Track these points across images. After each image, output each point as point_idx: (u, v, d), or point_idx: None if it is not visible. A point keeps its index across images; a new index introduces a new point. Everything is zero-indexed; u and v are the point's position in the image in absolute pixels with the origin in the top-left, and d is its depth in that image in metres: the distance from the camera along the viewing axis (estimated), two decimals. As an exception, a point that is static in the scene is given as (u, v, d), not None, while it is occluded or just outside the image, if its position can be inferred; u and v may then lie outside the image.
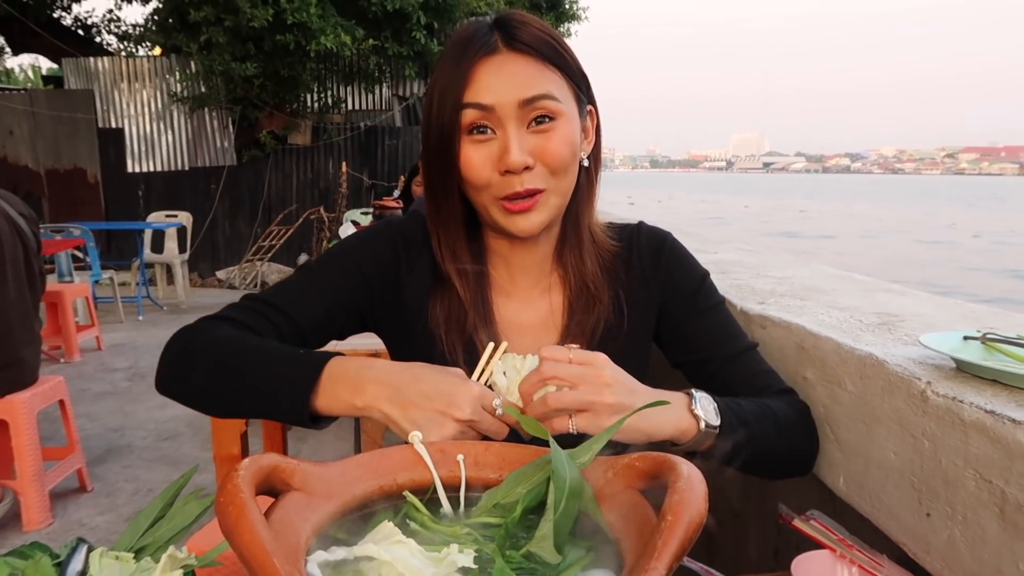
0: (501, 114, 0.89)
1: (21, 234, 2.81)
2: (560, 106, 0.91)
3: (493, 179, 0.91)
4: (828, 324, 1.12)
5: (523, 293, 1.05)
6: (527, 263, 1.04)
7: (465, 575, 0.43)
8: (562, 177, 0.93)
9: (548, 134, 0.90)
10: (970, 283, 12.38)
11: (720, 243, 2.32)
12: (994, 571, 0.72)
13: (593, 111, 1.01)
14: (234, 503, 0.38)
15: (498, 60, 0.90)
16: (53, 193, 9.05)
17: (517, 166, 0.88)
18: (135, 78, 9.09)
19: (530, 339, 1.03)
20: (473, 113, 0.90)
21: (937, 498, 0.80)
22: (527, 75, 0.90)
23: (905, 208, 40.70)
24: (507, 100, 0.89)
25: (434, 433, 0.66)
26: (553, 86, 0.91)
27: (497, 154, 0.90)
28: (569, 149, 0.92)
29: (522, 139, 0.89)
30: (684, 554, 0.39)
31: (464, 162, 0.92)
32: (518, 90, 0.89)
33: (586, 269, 1.02)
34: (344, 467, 0.49)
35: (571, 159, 0.93)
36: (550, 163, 0.91)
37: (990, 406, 0.74)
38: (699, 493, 0.41)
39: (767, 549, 1.52)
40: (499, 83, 0.89)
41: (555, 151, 0.90)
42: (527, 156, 0.89)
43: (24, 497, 2.89)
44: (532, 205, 0.91)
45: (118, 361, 5.55)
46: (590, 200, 1.03)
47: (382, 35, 8.12)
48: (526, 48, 0.91)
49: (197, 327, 0.97)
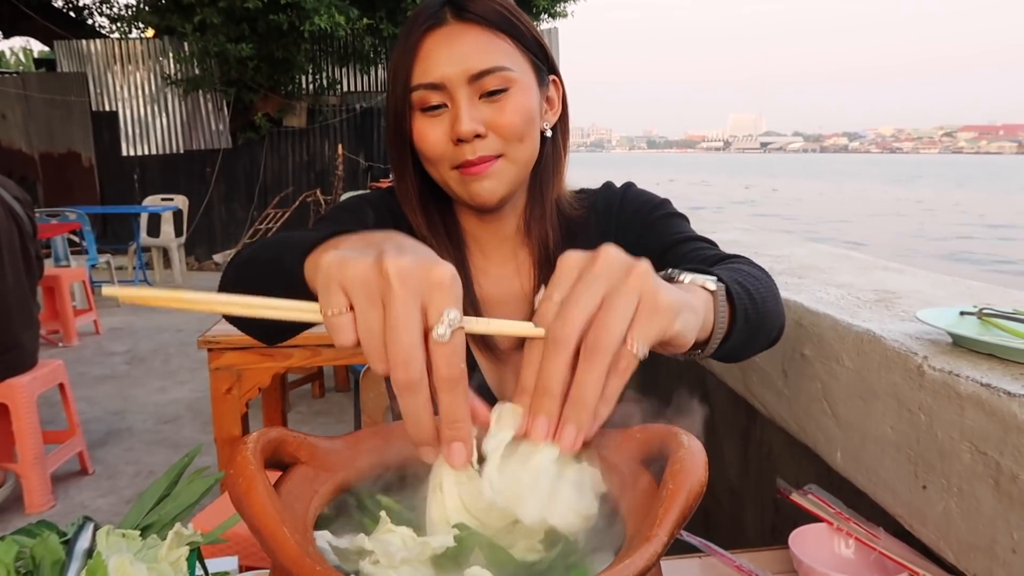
0: (451, 88, 0.88)
1: (16, 218, 2.81)
2: (512, 74, 0.90)
3: (447, 151, 0.91)
4: (826, 301, 1.12)
5: (496, 269, 1.05)
6: (497, 238, 1.04)
7: (443, 560, 0.43)
8: (517, 145, 0.92)
9: (500, 103, 0.89)
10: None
11: (718, 222, 2.33)
12: (989, 541, 0.74)
13: (557, 81, 1.00)
14: (244, 475, 0.39)
15: (445, 32, 0.89)
16: (47, 177, 9.01)
17: (467, 134, 0.88)
18: (128, 60, 9.01)
19: (504, 310, 1.03)
20: (423, 93, 0.89)
21: (933, 471, 0.81)
22: (476, 47, 0.89)
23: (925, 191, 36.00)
24: (455, 74, 0.88)
25: (344, 335, 0.46)
26: (504, 57, 0.90)
27: (449, 126, 0.90)
28: (522, 117, 0.90)
29: (473, 109, 0.89)
30: (685, 522, 0.40)
31: (417, 136, 0.92)
32: (467, 64, 0.88)
33: (549, 239, 1.02)
34: (349, 441, 0.50)
35: (525, 127, 0.91)
36: (502, 132, 0.90)
37: (986, 379, 0.74)
38: (699, 462, 0.42)
39: (765, 524, 1.54)
40: (447, 58, 0.88)
41: (507, 120, 0.89)
42: (478, 124, 0.88)
43: (26, 480, 2.91)
44: (485, 170, 0.90)
45: (116, 345, 5.56)
46: (557, 171, 1.02)
47: (376, 15, 8.06)
48: (475, 18, 0.89)
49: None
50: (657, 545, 0.37)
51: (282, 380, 3.31)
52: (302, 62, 8.47)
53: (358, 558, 0.42)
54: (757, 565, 0.94)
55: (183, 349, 5.43)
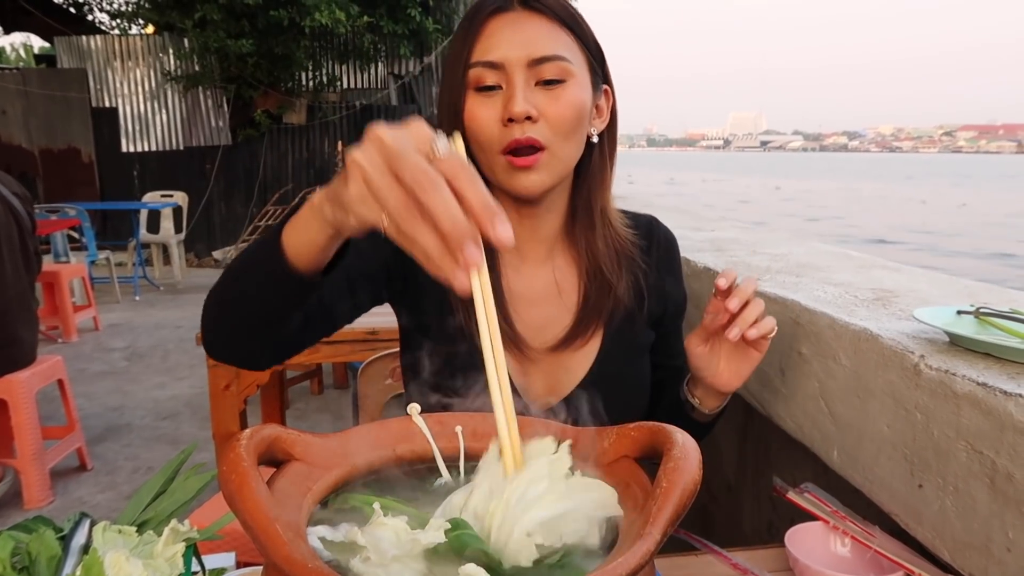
0: (509, 70, 0.88)
1: (16, 214, 2.81)
2: (571, 68, 0.90)
3: (497, 132, 0.90)
4: (823, 300, 1.12)
5: (530, 267, 1.05)
6: (535, 238, 1.04)
7: (435, 554, 0.43)
8: (564, 139, 0.91)
9: (555, 92, 0.89)
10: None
11: (716, 220, 2.33)
12: (984, 540, 0.74)
13: (609, 91, 1.00)
14: (237, 471, 0.39)
15: (511, 17, 0.90)
16: (47, 173, 9.00)
17: (520, 114, 0.87)
18: (128, 57, 9.00)
19: (535, 311, 1.04)
20: (480, 71, 0.89)
21: (929, 469, 0.81)
22: (539, 34, 0.89)
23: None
24: (516, 57, 0.88)
25: (354, 185, 0.51)
26: (566, 49, 0.90)
27: (502, 108, 0.89)
28: (575, 112, 0.90)
29: (528, 92, 0.89)
30: (679, 519, 0.40)
31: (469, 117, 0.91)
32: (529, 48, 0.88)
33: (599, 251, 1.02)
34: (344, 438, 0.50)
35: (576, 123, 0.91)
36: (554, 121, 0.89)
37: (982, 378, 0.74)
38: (693, 460, 0.42)
39: (762, 522, 1.54)
40: (509, 40, 0.88)
41: (561, 110, 0.89)
42: (531, 107, 0.88)
43: (25, 476, 2.91)
44: (534, 162, 0.90)
45: (115, 341, 5.56)
46: (603, 181, 1.02)
47: (377, 12, 8.05)
48: (543, 8, 0.90)
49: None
50: (650, 543, 0.37)
51: (281, 377, 3.31)
52: (302, 59, 8.46)
53: (351, 553, 0.42)
54: (753, 563, 0.94)
55: (182, 345, 5.42)
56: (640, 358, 1.09)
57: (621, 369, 1.05)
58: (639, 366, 1.09)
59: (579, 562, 0.43)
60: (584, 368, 1.03)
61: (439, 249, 0.46)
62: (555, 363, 1.03)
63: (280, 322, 0.80)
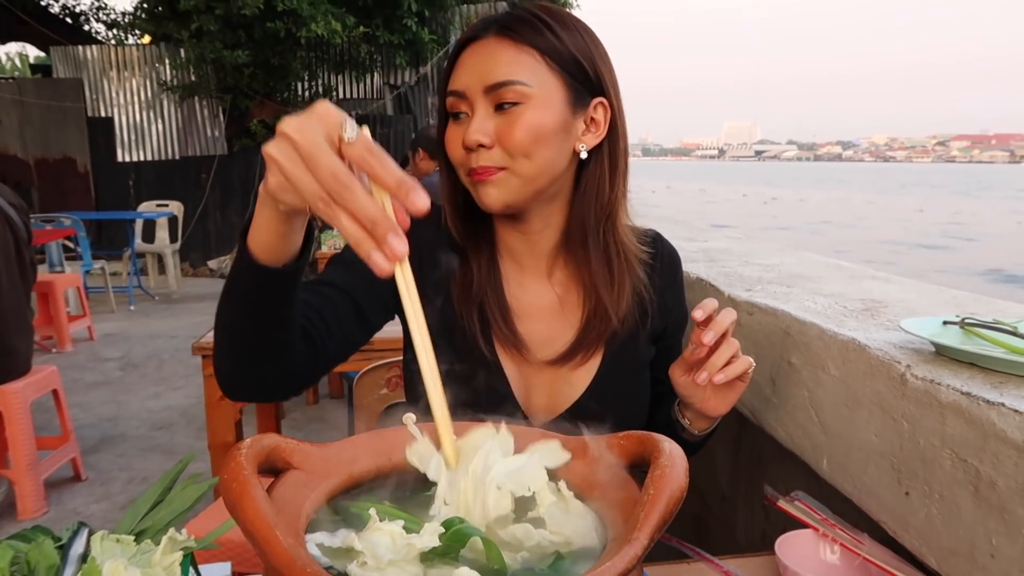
0: (470, 97, 0.93)
1: (11, 224, 2.81)
2: (528, 90, 0.91)
3: (462, 156, 0.96)
4: (813, 310, 1.14)
5: (531, 281, 1.07)
6: (533, 252, 1.06)
7: (431, 557, 0.44)
8: (522, 160, 0.93)
9: (509, 117, 0.92)
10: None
11: (709, 231, 2.35)
12: (968, 547, 0.75)
13: (605, 104, 0.99)
14: (238, 480, 0.40)
15: (477, 46, 0.94)
16: (43, 183, 9.00)
17: (471, 143, 0.92)
18: (124, 67, 9.02)
19: (538, 325, 1.05)
20: (451, 99, 0.96)
21: (915, 478, 0.83)
22: (497, 60, 0.92)
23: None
24: (473, 85, 0.93)
25: (272, 176, 0.59)
26: (524, 72, 0.92)
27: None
28: (528, 133, 0.92)
29: (486, 120, 0.93)
30: (666, 524, 0.41)
31: (445, 142, 0.98)
32: (483, 76, 0.92)
33: (593, 270, 1.02)
34: (341, 447, 0.51)
35: (531, 144, 0.92)
36: (506, 146, 0.92)
37: (966, 388, 0.76)
38: (680, 468, 0.43)
39: (755, 531, 1.55)
40: (471, 68, 0.94)
41: (513, 135, 0.92)
42: (482, 135, 0.92)
43: (19, 486, 2.91)
44: (487, 177, 0.94)
45: (110, 351, 5.55)
46: (599, 196, 1.00)
47: (373, 23, 8.09)
48: (509, 32, 0.93)
49: None
50: (638, 547, 0.39)
51: (276, 387, 3.30)
52: (298, 69, 8.49)
53: (348, 559, 0.43)
54: (744, 571, 0.95)
55: (177, 355, 5.42)
56: (641, 374, 1.10)
57: (622, 384, 1.06)
58: (639, 381, 1.10)
59: (570, 567, 0.44)
60: (585, 383, 1.04)
61: (360, 235, 0.52)
62: (556, 377, 1.05)
63: (278, 333, 0.81)
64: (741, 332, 1.28)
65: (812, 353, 1.05)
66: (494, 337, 1.03)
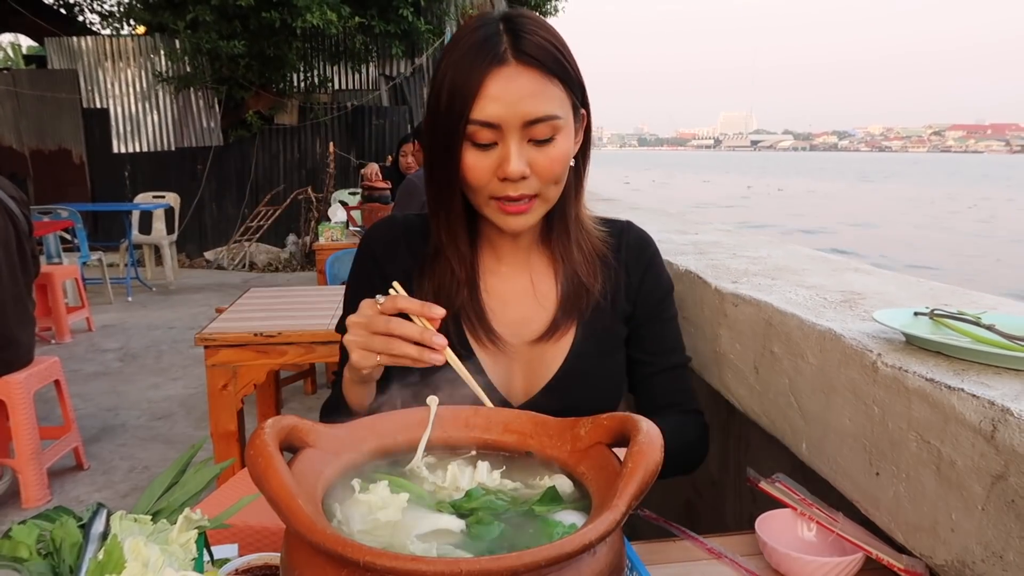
0: (506, 130, 0.94)
1: (13, 217, 2.85)
2: (560, 123, 0.96)
3: (490, 183, 0.98)
4: (794, 302, 1.19)
5: (508, 269, 1.13)
6: (514, 246, 1.12)
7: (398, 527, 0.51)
8: (552, 187, 1.00)
9: (546, 150, 0.96)
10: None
11: (700, 224, 2.40)
12: (931, 522, 0.81)
13: (585, 114, 1.05)
14: (262, 455, 0.45)
15: (507, 73, 0.93)
16: (38, 174, 9.00)
17: (516, 175, 0.94)
18: (119, 57, 9.01)
19: (512, 309, 1.12)
20: (478, 129, 0.94)
21: (885, 459, 0.88)
22: (532, 92, 0.94)
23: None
24: (512, 117, 0.93)
25: (354, 353, 0.85)
26: (557, 104, 0.96)
27: (496, 162, 0.96)
28: (563, 164, 0.99)
29: (522, 150, 0.95)
30: (642, 494, 0.46)
31: (466, 168, 0.97)
32: (523, 109, 0.93)
33: (574, 257, 1.11)
34: (352, 428, 0.56)
35: (563, 172, 1.00)
36: (544, 176, 0.97)
37: (931, 375, 0.81)
38: (656, 445, 0.49)
39: (743, 513, 1.61)
40: (506, 99, 0.92)
41: (550, 167, 0.97)
42: (525, 167, 0.95)
43: (22, 475, 2.95)
44: (527, 209, 0.99)
45: (109, 342, 5.59)
46: (577, 195, 1.10)
47: (368, 13, 8.09)
48: (534, 61, 0.94)
49: None
50: (616, 514, 0.44)
51: (276, 377, 3.36)
52: (293, 60, 8.49)
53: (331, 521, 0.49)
54: (726, 548, 1.01)
55: (175, 346, 5.46)
56: (613, 352, 1.15)
57: (594, 361, 1.12)
58: (612, 359, 1.15)
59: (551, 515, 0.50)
60: (559, 361, 1.10)
61: (415, 351, 0.81)
62: (533, 357, 1.11)
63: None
64: (727, 322, 1.34)
65: (792, 342, 1.11)
66: (469, 338, 1.09)
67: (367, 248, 1.16)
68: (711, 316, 1.40)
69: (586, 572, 0.44)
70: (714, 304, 1.38)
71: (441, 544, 0.48)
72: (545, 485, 0.55)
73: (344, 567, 0.42)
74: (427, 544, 0.48)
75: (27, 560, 0.81)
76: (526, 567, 0.40)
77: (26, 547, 0.81)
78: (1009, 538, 0.70)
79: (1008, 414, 0.70)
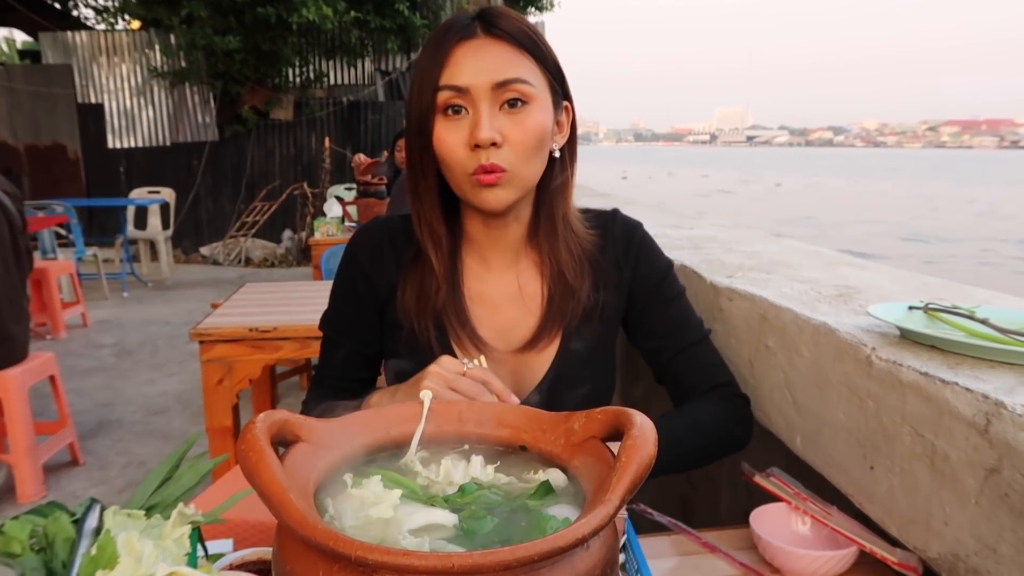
0: (475, 95, 0.95)
1: (6, 212, 2.84)
2: (533, 91, 0.96)
3: (464, 156, 0.96)
4: (789, 296, 1.19)
5: (493, 274, 1.12)
6: (499, 246, 1.10)
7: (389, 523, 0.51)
8: (527, 161, 0.98)
9: (519, 116, 0.96)
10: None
11: (696, 219, 2.40)
12: (925, 515, 0.81)
13: (569, 107, 1.06)
14: (254, 449, 0.45)
15: (475, 44, 0.96)
16: (33, 170, 8.97)
17: (485, 141, 0.94)
18: (114, 52, 8.98)
19: (498, 314, 1.10)
20: (448, 94, 0.95)
21: (879, 453, 0.89)
22: (502, 59, 0.95)
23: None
24: (481, 82, 0.94)
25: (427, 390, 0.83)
26: (527, 72, 0.97)
27: (469, 132, 0.95)
28: (537, 135, 0.97)
29: (493, 117, 0.95)
30: (636, 488, 0.46)
31: (437, 139, 0.97)
32: (492, 72, 0.94)
33: (562, 258, 1.09)
34: (345, 422, 0.56)
35: (538, 145, 0.98)
36: (517, 146, 0.96)
37: (925, 368, 0.81)
38: (649, 439, 0.48)
39: (738, 507, 1.61)
40: (475, 65, 0.95)
41: (523, 135, 0.96)
42: (495, 133, 0.94)
43: (18, 471, 2.95)
44: (497, 180, 0.96)
45: (104, 337, 5.58)
46: (564, 190, 1.08)
47: (364, 8, 8.07)
48: (504, 35, 0.96)
49: None
50: (610, 507, 0.44)
51: (271, 372, 3.36)
52: (289, 55, 8.47)
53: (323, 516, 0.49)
54: (721, 542, 1.01)
55: (171, 342, 5.45)
56: (602, 355, 1.14)
57: (581, 366, 1.10)
58: (600, 362, 1.13)
59: (544, 510, 0.50)
60: (546, 366, 1.09)
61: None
62: (519, 364, 1.10)
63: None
64: (722, 317, 1.34)
65: (787, 337, 1.11)
66: (452, 343, 1.08)
67: (352, 259, 1.15)
68: (706, 311, 1.39)
69: (579, 566, 0.44)
70: (709, 299, 1.38)
71: (434, 539, 0.48)
72: (539, 479, 0.55)
73: (336, 562, 0.42)
74: (420, 539, 0.48)
75: (20, 555, 0.80)
76: (519, 561, 0.40)
77: (19, 542, 0.81)
78: (1002, 531, 0.70)
79: (1002, 408, 0.70)
